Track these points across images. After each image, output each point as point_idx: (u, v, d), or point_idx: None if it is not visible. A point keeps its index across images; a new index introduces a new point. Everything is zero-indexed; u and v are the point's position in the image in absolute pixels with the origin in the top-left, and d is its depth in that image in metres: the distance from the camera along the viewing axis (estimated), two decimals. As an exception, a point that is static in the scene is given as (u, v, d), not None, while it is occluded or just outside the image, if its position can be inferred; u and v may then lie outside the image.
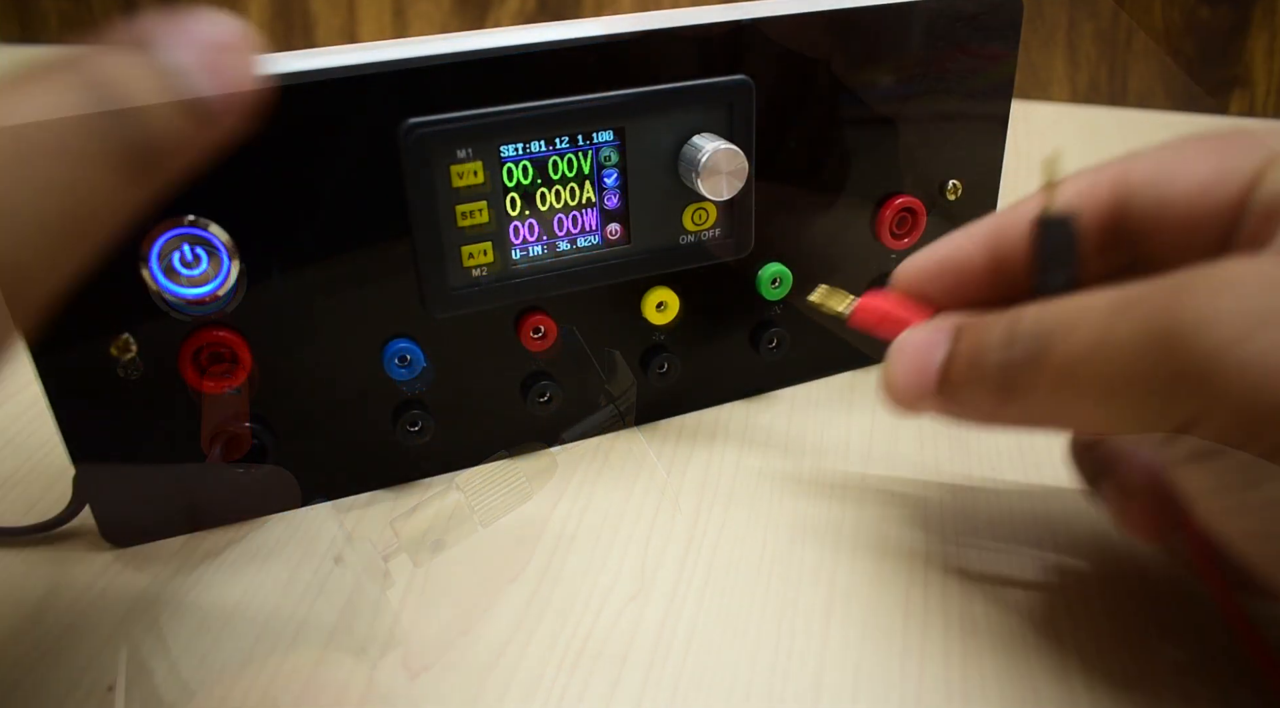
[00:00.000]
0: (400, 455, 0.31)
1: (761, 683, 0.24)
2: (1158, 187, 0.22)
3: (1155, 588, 0.26)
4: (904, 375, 0.24)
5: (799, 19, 0.30)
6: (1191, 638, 0.24)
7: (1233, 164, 0.22)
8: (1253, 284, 0.18)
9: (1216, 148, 0.22)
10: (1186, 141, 0.23)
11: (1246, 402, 0.17)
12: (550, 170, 0.28)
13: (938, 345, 0.24)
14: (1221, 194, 0.22)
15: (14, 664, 0.25)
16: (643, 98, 0.28)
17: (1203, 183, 0.22)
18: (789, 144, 0.31)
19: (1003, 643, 0.24)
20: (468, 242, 0.28)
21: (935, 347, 0.24)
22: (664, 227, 0.30)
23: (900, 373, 0.24)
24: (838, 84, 0.31)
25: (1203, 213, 0.22)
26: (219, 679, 0.24)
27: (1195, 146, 0.23)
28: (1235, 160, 0.22)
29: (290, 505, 0.30)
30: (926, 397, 0.24)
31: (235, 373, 0.27)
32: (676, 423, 0.34)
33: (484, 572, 0.27)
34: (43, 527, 0.29)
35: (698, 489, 0.31)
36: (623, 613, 0.26)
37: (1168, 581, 0.26)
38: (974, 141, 0.34)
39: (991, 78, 0.33)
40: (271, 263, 0.26)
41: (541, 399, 0.31)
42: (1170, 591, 0.26)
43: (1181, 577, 0.26)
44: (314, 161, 0.26)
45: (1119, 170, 0.23)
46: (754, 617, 0.26)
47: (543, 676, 0.24)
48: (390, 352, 0.28)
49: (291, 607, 0.26)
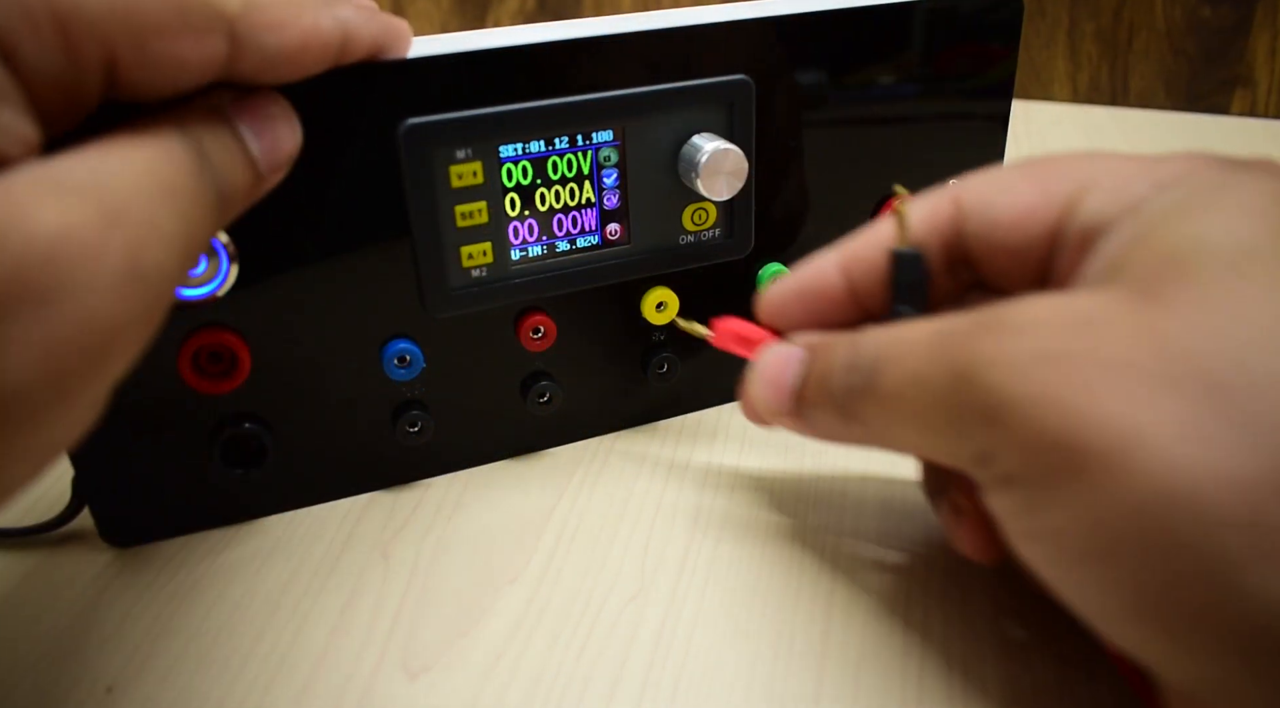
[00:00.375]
0: (400, 455, 0.31)
1: (761, 683, 0.24)
2: (985, 212, 0.23)
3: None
4: (762, 394, 0.26)
5: (799, 19, 0.30)
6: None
7: (1049, 191, 0.22)
8: (1041, 326, 0.19)
9: (1037, 174, 0.23)
10: (1013, 166, 0.24)
11: (1029, 438, 0.18)
12: (550, 170, 0.28)
13: (792, 366, 0.25)
14: (1039, 221, 0.22)
15: (14, 664, 0.25)
16: (642, 98, 0.28)
17: (1023, 210, 0.23)
18: (789, 144, 0.31)
19: (1003, 643, 0.24)
20: (467, 242, 0.28)
21: (789, 367, 0.25)
22: (663, 227, 0.30)
23: (758, 391, 0.26)
24: (838, 83, 0.31)
25: (1024, 240, 0.22)
26: (219, 680, 0.24)
27: (1019, 172, 0.23)
28: (1051, 187, 0.22)
29: (290, 506, 0.30)
30: (783, 415, 0.25)
31: (234, 373, 0.27)
32: (677, 423, 0.34)
33: (484, 572, 0.27)
34: (42, 527, 0.29)
35: (698, 489, 0.31)
36: (623, 613, 0.26)
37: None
38: (974, 141, 0.34)
39: (991, 77, 0.33)
40: (271, 263, 0.26)
41: (541, 399, 0.31)
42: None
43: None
44: (313, 162, 0.25)
45: (954, 195, 0.24)
46: (754, 617, 0.26)
47: (543, 676, 0.24)
48: (390, 352, 0.28)
49: (291, 607, 0.26)
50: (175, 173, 0.18)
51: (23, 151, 0.16)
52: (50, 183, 0.15)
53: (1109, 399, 0.17)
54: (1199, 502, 0.16)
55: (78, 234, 0.15)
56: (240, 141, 0.20)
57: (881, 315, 0.25)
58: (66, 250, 0.15)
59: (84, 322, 0.15)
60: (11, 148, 0.16)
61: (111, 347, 0.16)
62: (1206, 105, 0.74)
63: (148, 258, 0.16)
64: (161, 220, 0.17)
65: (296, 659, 0.25)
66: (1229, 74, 0.73)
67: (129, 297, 0.16)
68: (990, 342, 0.19)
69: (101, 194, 0.16)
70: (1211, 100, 0.74)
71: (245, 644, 0.25)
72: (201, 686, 0.24)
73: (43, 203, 0.15)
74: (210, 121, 0.19)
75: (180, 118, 0.19)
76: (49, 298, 0.15)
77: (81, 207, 0.15)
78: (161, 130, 0.18)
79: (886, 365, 0.22)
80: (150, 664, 0.25)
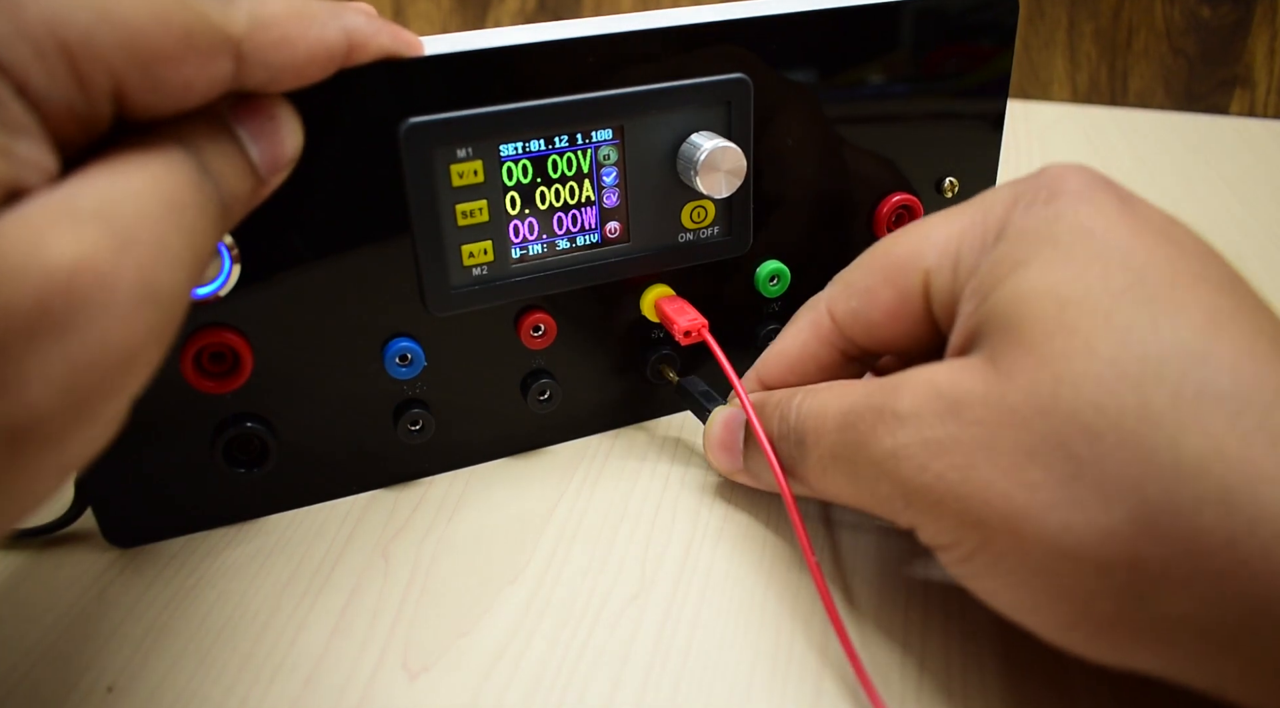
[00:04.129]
0: (401, 454, 0.31)
1: (762, 683, 0.24)
2: (858, 322, 0.26)
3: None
4: (715, 455, 0.29)
5: (797, 18, 0.30)
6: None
7: (902, 287, 0.24)
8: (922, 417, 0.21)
9: (886, 271, 0.25)
10: (861, 266, 0.26)
11: (941, 521, 0.21)
12: (549, 169, 0.28)
13: (736, 431, 0.28)
14: (909, 315, 0.24)
15: (14, 665, 0.25)
16: (641, 96, 0.28)
17: (889, 312, 0.25)
18: (787, 142, 0.31)
19: (1004, 644, 0.24)
20: (467, 240, 0.28)
21: (736, 432, 0.28)
22: (663, 225, 0.30)
23: (713, 452, 0.29)
24: (835, 82, 0.31)
25: (904, 329, 0.25)
26: (219, 680, 0.24)
27: (871, 274, 0.25)
28: (902, 283, 0.24)
29: (291, 505, 0.30)
30: (737, 472, 0.29)
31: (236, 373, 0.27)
32: (677, 422, 0.34)
33: (484, 572, 0.27)
34: (46, 528, 0.29)
35: (698, 489, 0.31)
36: (623, 613, 0.26)
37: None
38: (970, 138, 0.34)
39: (987, 75, 0.33)
40: (272, 264, 0.26)
41: (541, 397, 0.31)
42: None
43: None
44: (314, 161, 0.25)
45: (825, 311, 0.26)
46: (754, 617, 0.26)
47: (543, 676, 0.24)
48: (391, 350, 0.28)
49: (291, 607, 0.26)
50: (179, 189, 0.18)
51: (41, 180, 0.16)
52: (64, 212, 0.16)
53: (991, 480, 0.20)
54: (1085, 554, 0.18)
55: (92, 263, 0.15)
56: (240, 148, 0.20)
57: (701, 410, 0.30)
58: (83, 280, 0.15)
59: (102, 347, 0.16)
60: (31, 177, 0.16)
61: (129, 368, 0.16)
62: (1205, 105, 0.75)
63: (159, 279, 0.17)
64: (169, 240, 0.17)
65: (296, 659, 0.25)
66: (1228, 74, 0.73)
67: (143, 319, 0.16)
68: (886, 434, 0.22)
69: (111, 221, 0.16)
70: (1210, 100, 0.74)
71: (245, 644, 0.25)
72: (201, 685, 0.24)
73: (59, 234, 0.15)
74: (210, 130, 0.19)
75: (180, 130, 0.19)
76: (68, 326, 0.15)
77: (95, 235, 0.16)
78: (163, 145, 0.18)
79: (810, 440, 0.24)
80: (151, 664, 0.25)
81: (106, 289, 0.15)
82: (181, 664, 0.25)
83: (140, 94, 0.18)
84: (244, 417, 0.28)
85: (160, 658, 0.25)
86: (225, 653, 0.25)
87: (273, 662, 0.25)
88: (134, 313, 0.16)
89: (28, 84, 0.16)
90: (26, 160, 0.16)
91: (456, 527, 0.29)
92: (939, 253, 0.23)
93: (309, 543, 0.29)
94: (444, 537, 0.29)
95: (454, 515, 0.30)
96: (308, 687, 0.24)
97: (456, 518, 0.30)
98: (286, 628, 0.26)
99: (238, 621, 0.26)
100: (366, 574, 0.28)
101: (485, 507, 0.30)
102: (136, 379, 0.17)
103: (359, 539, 0.29)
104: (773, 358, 0.28)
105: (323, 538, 0.29)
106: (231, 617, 0.26)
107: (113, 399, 0.16)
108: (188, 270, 0.18)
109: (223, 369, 0.27)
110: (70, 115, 0.17)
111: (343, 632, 0.26)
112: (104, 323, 0.15)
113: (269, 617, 0.26)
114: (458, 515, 0.30)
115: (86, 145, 0.18)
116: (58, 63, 0.16)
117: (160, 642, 0.25)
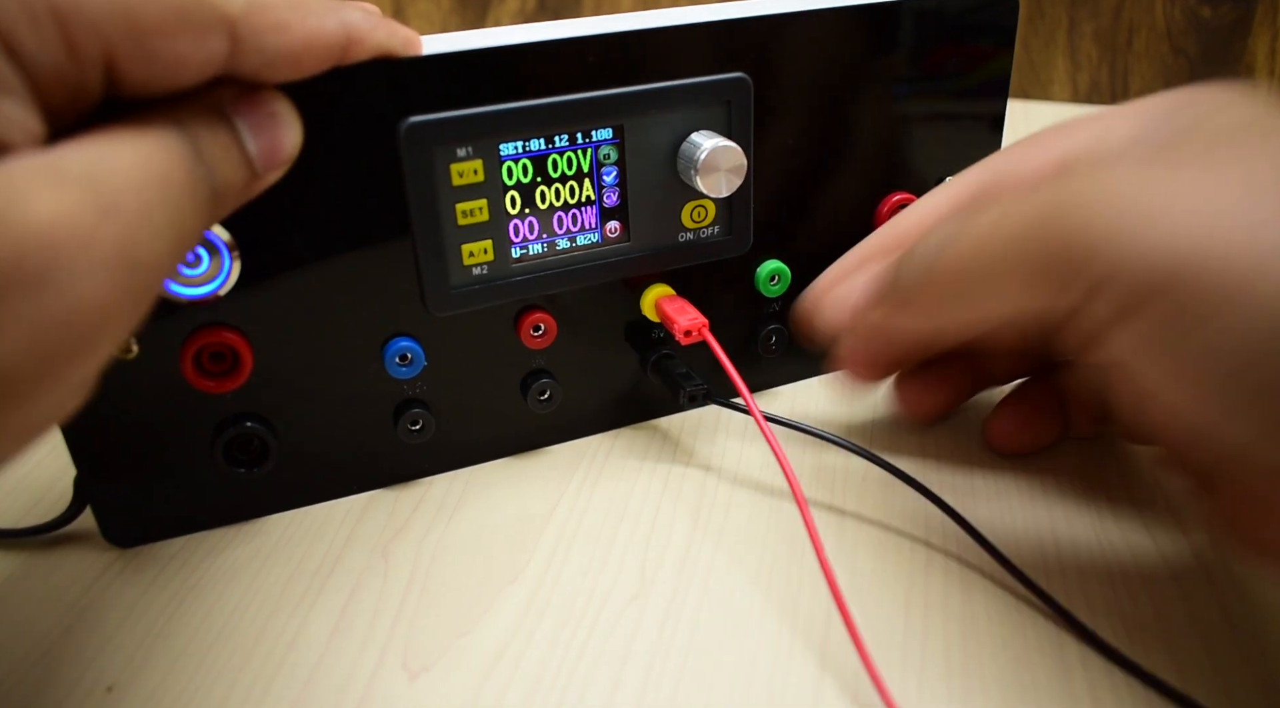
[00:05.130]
0: (401, 454, 0.31)
1: (761, 683, 0.24)
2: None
3: (1168, 585, 0.26)
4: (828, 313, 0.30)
5: (797, 18, 0.30)
6: (1194, 636, 0.24)
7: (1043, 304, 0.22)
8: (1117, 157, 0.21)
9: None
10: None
11: (1145, 262, 0.19)
12: (550, 168, 0.28)
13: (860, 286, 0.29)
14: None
15: (14, 665, 0.25)
16: (641, 95, 0.28)
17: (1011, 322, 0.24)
18: (787, 141, 0.31)
19: (1004, 644, 0.24)
20: (468, 240, 0.28)
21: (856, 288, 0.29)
22: (663, 224, 0.30)
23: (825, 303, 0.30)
24: (835, 81, 0.31)
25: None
26: (219, 680, 0.24)
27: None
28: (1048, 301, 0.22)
29: (292, 505, 0.30)
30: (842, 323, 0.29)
31: (236, 373, 0.27)
32: (677, 422, 0.34)
33: (484, 572, 0.27)
34: (44, 528, 0.29)
35: (698, 488, 0.31)
36: (623, 613, 0.26)
37: (1189, 575, 0.26)
38: (970, 138, 0.34)
39: (987, 75, 0.33)
40: (272, 262, 0.26)
41: (541, 397, 0.31)
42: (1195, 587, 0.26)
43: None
44: (314, 160, 0.25)
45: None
46: (754, 617, 0.26)
47: (543, 676, 0.24)
48: (391, 350, 0.28)
49: (291, 607, 0.26)
50: (169, 167, 0.18)
51: (25, 141, 0.16)
52: (48, 172, 0.16)
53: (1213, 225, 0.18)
54: None
55: (72, 222, 0.15)
56: (237, 139, 0.20)
57: None
58: (60, 237, 0.15)
59: (74, 306, 0.16)
60: (14, 136, 0.16)
61: (99, 331, 0.16)
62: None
63: (138, 248, 0.17)
64: (154, 212, 0.17)
65: (296, 659, 0.25)
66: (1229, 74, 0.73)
67: (118, 284, 0.16)
68: (1069, 185, 0.21)
69: (96, 185, 0.16)
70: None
71: (245, 644, 0.25)
72: (201, 686, 0.24)
73: (40, 191, 0.15)
74: (208, 118, 0.20)
75: (178, 113, 0.19)
76: (41, 282, 0.15)
77: (77, 196, 0.16)
78: (158, 125, 0.18)
79: (952, 240, 0.24)
80: (151, 664, 0.25)
81: (83, 251, 0.16)
82: (181, 664, 0.25)
83: (132, 65, 0.18)
84: (244, 416, 0.28)
85: (160, 658, 0.25)
86: (225, 653, 0.25)
87: (273, 662, 0.25)
88: (110, 278, 0.16)
89: (17, 45, 0.16)
90: (12, 119, 0.16)
91: (456, 527, 0.29)
92: None
93: (309, 543, 0.29)
94: (444, 537, 0.29)
95: (454, 516, 0.30)
96: (308, 687, 0.24)
97: (456, 518, 0.30)
98: (286, 628, 0.26)
99: (238, 621, 0.26)
100: (366, 574, 0.28)
101: (485, 507, 0.30)
102: (106, 344, 0.17)
103: (359, 539, 0.29)
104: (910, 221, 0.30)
105: (323, 538, 0.29)
106: (231, 617, 0.26)
107: (81, 361, 0.17)
108: (169, 246, 0.18)
109: (223, 369, 0.27)
110: (59, 81, 0.17)
111: (343, 632, 0.26)
112: (78, 283, 0.16)
113: (269, 617, 0.26)
114: (458, 516, 0.30)
115: (75, 120, 0.18)
116: (49, 25, 0.16)
117: (160, 642, 0.25)
